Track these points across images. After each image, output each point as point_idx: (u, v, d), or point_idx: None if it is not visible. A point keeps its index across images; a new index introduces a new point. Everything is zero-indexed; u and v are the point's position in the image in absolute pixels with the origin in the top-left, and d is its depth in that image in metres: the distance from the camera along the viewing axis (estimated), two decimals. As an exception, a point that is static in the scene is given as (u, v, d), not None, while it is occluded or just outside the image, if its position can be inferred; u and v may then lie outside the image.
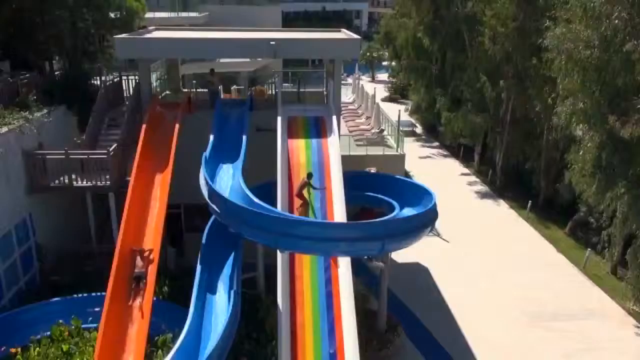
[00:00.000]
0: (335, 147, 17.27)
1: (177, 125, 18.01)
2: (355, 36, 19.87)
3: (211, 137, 17.82)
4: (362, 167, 25.02)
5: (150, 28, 23.47)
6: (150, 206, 16.61)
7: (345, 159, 23.94)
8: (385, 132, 28.49)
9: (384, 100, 54.32)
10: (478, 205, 28.94)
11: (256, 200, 14.18)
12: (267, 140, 17.77)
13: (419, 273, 21.93)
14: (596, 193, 17.28)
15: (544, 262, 22.69)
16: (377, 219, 14.11)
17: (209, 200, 14.52)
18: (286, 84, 28.91)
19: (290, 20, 69.04)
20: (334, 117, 18.40)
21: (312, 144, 17.91)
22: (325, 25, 79.13)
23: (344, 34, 22.28)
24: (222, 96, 24.19)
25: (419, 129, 44.31)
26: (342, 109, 34.77)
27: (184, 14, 35.62)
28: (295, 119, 19.26)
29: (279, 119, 18.33)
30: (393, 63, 49.13)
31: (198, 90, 23.12)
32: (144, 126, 17.91)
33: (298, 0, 77.51)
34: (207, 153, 16.74)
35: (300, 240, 12.77)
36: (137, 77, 20.12)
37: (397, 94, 56.19)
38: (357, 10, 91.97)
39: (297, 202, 15.80)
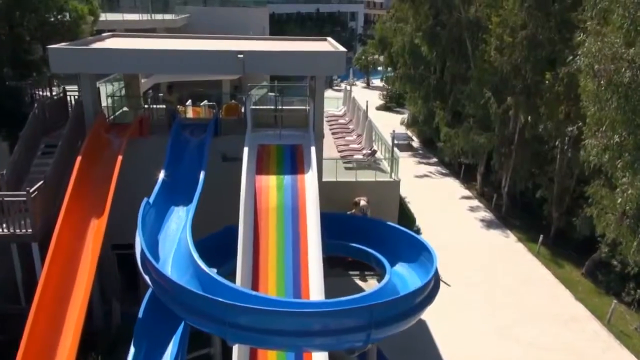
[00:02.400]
0: (313, 187, 13.96)
1: (119, 157, 14.69)
2: (341, 48, 16.57)
3: (161, 173, 14.51)
4: (350, 196, 21.87)
5: (105, 35, 20.12)
6: (80, 258, 13.38)
7: (331, 186, 20.98)
8: (378, 153, 25.30)
9: (378, 108, 51.12)
10: (482, 236, 25.69)
11: (202, 266, 10.91)
12: (235, 171, 14.51)
13: (415, 327, 18.58)
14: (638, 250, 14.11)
15: (560, 313, 19.44)
16: (361, 298, 10.81)
17: (140, 267, 11.23)
18: (273, 94, 25.72)
19: (280, 23, 65.68)
20: (313, 148, 15.11)
21: (286, 181, 14.58)
22: (319, 27, 75.99)
23: (329, 44, 18.99)
24: (190, 114, 21.09)
25: (415, 143, 41.09)
26: (331, 122, 31.62)
27: (159, 16, 32.32)
28: (267, 148, 15.97)
29: (246, 149, 15.05)
30: (388, 70, 45.93)
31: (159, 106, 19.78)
32: (78, 157, 14.60)
33: (289, 1, 73.99)
34: (152, 195, 13.44)
35: (254, 333, 9.49)
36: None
37: (392, 102, 53.00)
38: (352, 12, 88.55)
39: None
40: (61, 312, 12.36)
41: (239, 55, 15.47)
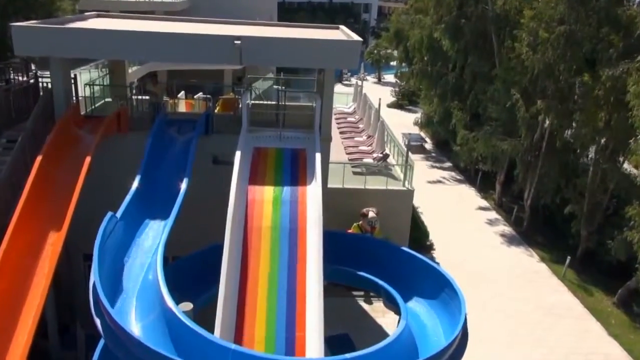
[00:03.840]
0: (316, 204, 11.58)
1: (87, 158, 12.34)
2: (355, 37, 14.11)
3: (134, 181, 12.17)
4: (357, 205, 19.55)
5: (88, 14, 17.75)
6: (33, 275, 11.11)
7: (337, 194, 18.60)
8: (390, 158, 22.91)
9: (390, 106, 48.56)
10: (501, 254, 23.24)
11: (169, 304, 8.61)
12: (228, 177, 12.21)
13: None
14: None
15: (592, 352, 16.98)
16: (371, 355, 8.46)
17: (92, 308, 8.91)
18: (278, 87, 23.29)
19: (290, 12, 63.12)
20: (318, 155, 12.70)
21: (284, 194, 12.19)
22: (331, 18, 73.31)
23: (342, 33, 16.54)
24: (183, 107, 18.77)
25: (428, 144, 38.60)
26: (340, 121, 29.15)
27: (157, -2, 29.99)
28: (264, 151, 13.60)
29: (238, 152, 12.66)
30: (402, 65, 43.34)
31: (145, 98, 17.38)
32: (39, 157, 12.26)
33: (301, -11, 71.49)
34: (121, 208, 11.10)
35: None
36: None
37: (404, 100, 50.44)
38: (365, 4, 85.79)
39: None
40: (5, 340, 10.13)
41: (236, 42, 13.07)
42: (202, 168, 14.43)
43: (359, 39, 13.74)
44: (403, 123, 40.93)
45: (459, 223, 25.66)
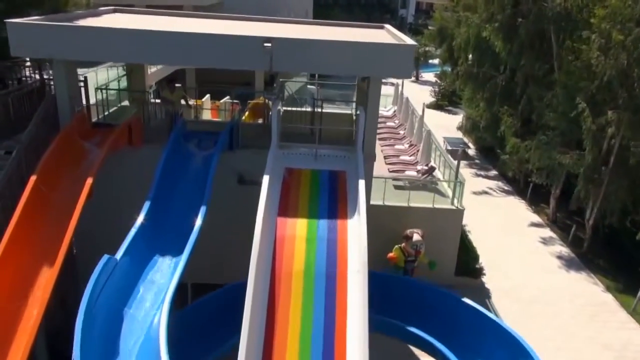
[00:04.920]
0: (359, 243, 9.44)
1: (88, 180, 10.45)
2: (407, 40, 11.86)
3: (143, 210, 10.24)
4: (399, 225, 17.39)
5: (103, 9, 15.95)
6: (22, 316, 9.34)
7: (376, 212, 16.47)
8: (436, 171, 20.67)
9: (429, 106, 45.80)
10: (560, 280, 20.66)
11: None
12: (256, 200, 10.22)
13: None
14: None
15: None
16: None
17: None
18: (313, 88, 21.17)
19: (326, 7, 60.90)
20: (362, 183, 10.53)
21: (320, 229, 10.07)
22: (367, 14, 70.84)
23: (389, 34, 14.34)
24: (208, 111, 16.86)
25: (472, 150, 35.98)
26: (380, 125, 26.86)
27: (187, -8, 28.22)
28: (297, 173, 11.51)
29: (266, 177, 10.60)
30: (445, 65, 40.75)
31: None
32: (32, 176, 10.43)
33: (337, -16, 69.14)
34: (121, 248, 9.17)
35: None
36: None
37: (444, 101, 47.73)
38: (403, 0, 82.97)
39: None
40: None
41: (266, 45, 11.01)
42: (226, 188, 12.51)
43: (413, 42, 11.50)
44: (443, 125, 38.38)
45: (510, 242, 23.14)
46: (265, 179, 10.46)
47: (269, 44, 11.00)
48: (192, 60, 11.90)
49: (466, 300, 10.99)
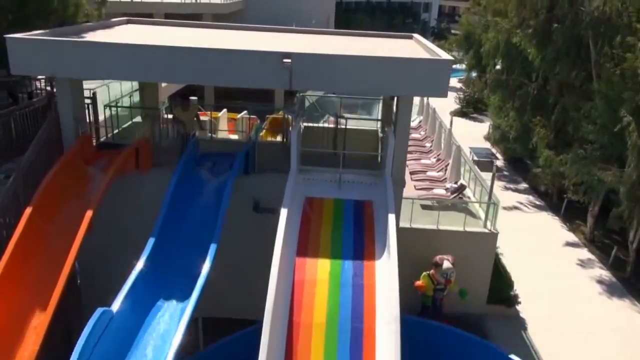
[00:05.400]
0: (390, 289, 8.28)
1: (88, 213, 9.46)
2: (443, 55, 10.63)
3: (148, 243, 9.22)
4: (428, 249, 16.11)
5: (116, 20, 15.04)
6: None
7: (404, 235, 15.25)
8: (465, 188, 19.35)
9: (453, 114, 44.38)
10: (603, 309, 19.11)
11: None
12: (272, 228, 9.19)
13: None
14: None
15: None
16: None
17: None
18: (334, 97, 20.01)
19: (348, 12, 59.79)
20: (392, 217, 9.36)
21: (345, 271, 8.92)
22: (389, 18, 69.51)
23: (418, 44, 13.17)
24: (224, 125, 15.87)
25: (500, 161, 34.45)
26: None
27: (205, 0, 27.32)
28: (319, 203, 10.39)
29: (284, 211, 9.49)
30: (472, 72, 39.28)
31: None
32: (28, 208, 9.49)
33: (359, -12, 67.93)
34: (117, 298, 8.14)
35: None
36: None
37: (469, 108, 46.18)
38: (426, 3, 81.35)
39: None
40: None
41: (285, 60, 9.91)
42: (240, 216, 11.44)
43: (449, 57, 10.29)
44: (468, 134, 36.88)
45: (545, 264, 21.65)
46: (283, 214, 9.34)
47: (289, 60, 9.91)
48: (203, 78, 10.87)
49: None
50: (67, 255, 9.16)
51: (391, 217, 9.19)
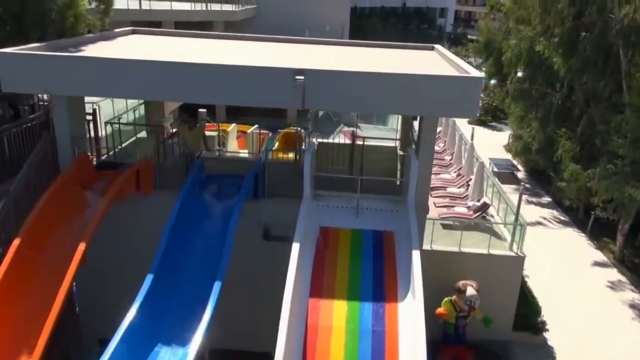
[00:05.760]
0: (416, 334, 7.30)
1: (81, 245, 8.61)
2: (472, 71, 9.61)
3: (146, 281, 8.35)
4: (450, 272, 15.13)
5: (120, 30, 14.27)
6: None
7: (423, 258, 14.38)
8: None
9: (471, 122, 43.21)
10: (636, 336, 17.95)
11: None
12: (283, 258, 8.30)
13: None
14: None
15: None
16: None
17: None
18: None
19: (362, 18, 58.89)
20: (417, 254, 8.39)
21: (363, 316, 7.95)
22: (404, 24, 68.47)
23: (440, 56, 12.21)
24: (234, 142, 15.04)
25: (520, 173, 33.28)
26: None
27: (216, 7, 26.57)
28: (334, 234, 9.44)
29: (296, 244, 8.56)
30: (492, 81, 38.11)
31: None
32: (16, 239, 8.66)
33: (374, -7, 66.93)
34: (109, 347, 7.26)
35: None
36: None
37: (487, 116, 44.97)
38: (442, 8, 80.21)
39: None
40: None
41: (297, 78, 9.00)
42: (249, 243, 10.55)
43: (480, 74, 9.29)
44: (487, 143, 35.73)
45: (572, 285, 20.45)
46: (295, 248, 8.41)
47: (301, 78, 9.00)
48: (206, 96, 9.97)
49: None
50: (59, 289, 8.32)
51: (415, 254, 8.21)
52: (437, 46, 13.87)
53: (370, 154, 12.78)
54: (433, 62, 11.74)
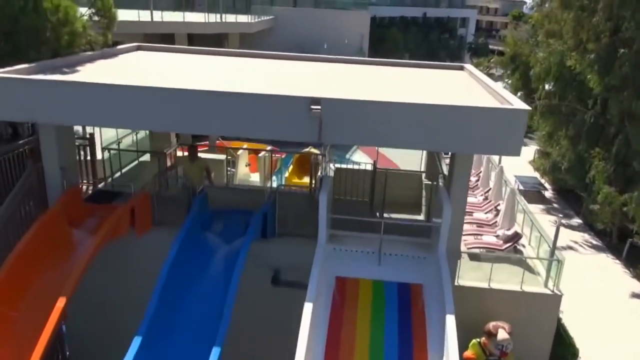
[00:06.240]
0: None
1: (60, 302, 7.47)
2: (517, 103, 8.16)
3: (141, 328, 7.20)
4: (479, 312, 13.73)
5: (124, 47, 13.24)
6: None
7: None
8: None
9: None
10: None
11: None
12: (297, 311, 7.10)
13: None
14: None
15: None
16: None
17: None
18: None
19: (382, 27, 57.61)
20: (451, 319, 7.11)
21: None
22: (425, 33, 67.00)
23: (472, 77, 10.95)
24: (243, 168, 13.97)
25: (548, 192, 31.72)
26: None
27: (231, 18, 25.53)
28: (353, 286, 8.19)
29: (310, 298, 7.33)
30: (518, 95, 36.57)
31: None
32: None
33: (393, 4, 65.54)
34: None
35: None
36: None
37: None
38: (463, 18, 78.62)
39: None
40: None
41: (313, 108, 7.80)
42: (256, 289, 9.34)
43: (525, 106, 7.95)
44: (512, 158, 34.12)
45: (610, 321, 18.86)
46: (309, 304, 7.17)
47: (318, 107, 7.80)
48: (210, 127, 8.82)
49: None
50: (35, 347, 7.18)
51: (450, 319, 6.94)
52: (467, 66, 12.62)
53: (393, 181, 11.55)
54: (466, 85, 10.47)
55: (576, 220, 27.97)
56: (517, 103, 7.90)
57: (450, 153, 9.16)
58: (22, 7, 10.53)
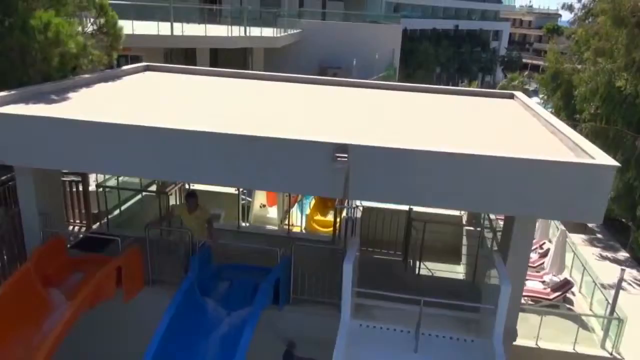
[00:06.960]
0: None
1: None
2: (599, 157, 6.27)
3: None
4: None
5: (130, 67, 11.87)
6: None
7: None
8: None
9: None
10: None
11: None
12: None
13: None
14: None
15: None
16: None
17: None
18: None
19: (413, 41, 55.86)
20: None
21: None
22: (456, 46, 64.95)
23: (521, 105, 9.22)
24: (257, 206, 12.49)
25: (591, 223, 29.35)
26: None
27: (256, 31, 24.12)
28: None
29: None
30: (560, 116, 34.39)
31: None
32: None
33: (425, 16, 63.69)
34: None
35: None
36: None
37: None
38: (495, 31, 76.30)
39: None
40: None
41: (338, 157, 6.18)
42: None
43: (612, 162, 6.14)
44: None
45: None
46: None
47: (345, 157, 6.17)
48: (210, 177, 7.14)
49: None
50: None
51: None
52: (517, 94, 10.87)
53: (430, 226, 9.86)
54: (521, 121, 8.72)
55: (622, 254, 25.67)
56: (600, 157, 6.12)
57: (513, 222, 7.38)
58: (11, 24, 9.23)
